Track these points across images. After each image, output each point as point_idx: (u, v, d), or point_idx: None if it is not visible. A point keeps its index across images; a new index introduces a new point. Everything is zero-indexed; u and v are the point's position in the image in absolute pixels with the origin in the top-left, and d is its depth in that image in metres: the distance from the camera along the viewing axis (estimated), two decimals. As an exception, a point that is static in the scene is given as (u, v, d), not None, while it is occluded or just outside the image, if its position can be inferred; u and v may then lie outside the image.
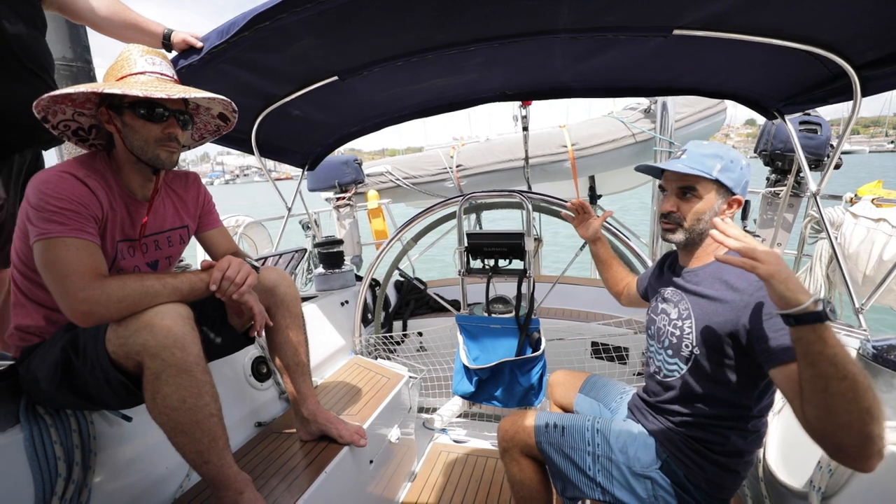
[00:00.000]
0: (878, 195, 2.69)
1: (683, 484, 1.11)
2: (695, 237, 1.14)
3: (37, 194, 0.99)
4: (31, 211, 0.99)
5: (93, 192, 1.05)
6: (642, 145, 4.54)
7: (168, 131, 1.10)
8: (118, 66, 1.10)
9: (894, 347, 1.09)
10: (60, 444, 1.07)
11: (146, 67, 1.10)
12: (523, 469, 1.32)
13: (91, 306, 0.97)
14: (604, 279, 1.64)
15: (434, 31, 1.55)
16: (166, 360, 0.98)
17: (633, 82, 2.06)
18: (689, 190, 1.11)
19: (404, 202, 5.65)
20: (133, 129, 1.08)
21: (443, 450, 2.24)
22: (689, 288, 1.15)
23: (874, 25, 1.33)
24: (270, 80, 1.82)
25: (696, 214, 1.11)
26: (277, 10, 1.25)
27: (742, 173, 1.10)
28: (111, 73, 1.11)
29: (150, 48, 1.15)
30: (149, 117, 1.07)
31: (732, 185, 1.09)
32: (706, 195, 1.10)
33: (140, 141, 1.09)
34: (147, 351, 0.97)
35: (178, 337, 1.00)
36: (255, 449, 1.52)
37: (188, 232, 1.36)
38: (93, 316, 0.98)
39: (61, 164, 1.08)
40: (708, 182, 1.09)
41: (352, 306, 2.46)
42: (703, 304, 1.09)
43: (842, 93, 1.63)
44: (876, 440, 0.76)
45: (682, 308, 1.14)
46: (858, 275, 2.54)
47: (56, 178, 1.01)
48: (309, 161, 2.78)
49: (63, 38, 1.89)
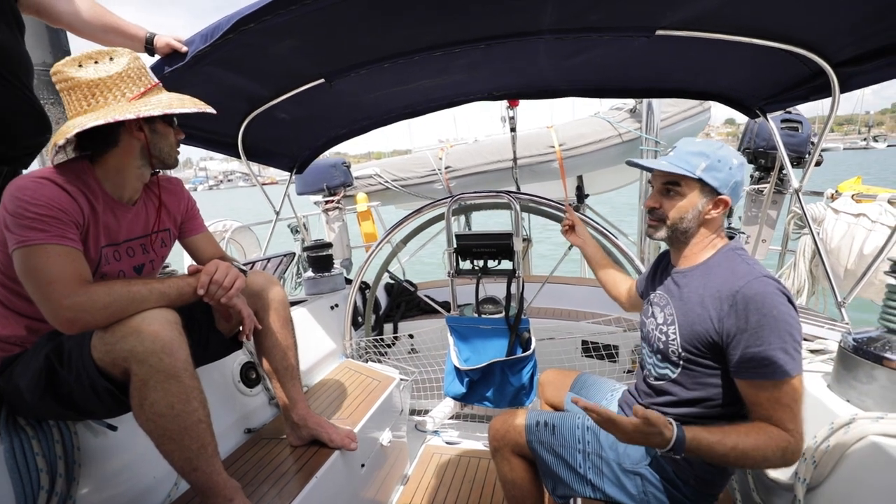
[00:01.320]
0: (857, 191, 2.75)
1: (673, 480, 1.12)
2: (678, 235, 1.14)
3: (14, 201, 0.97)
4: (9, 218, 0.97)
5: (73, 198, 1.03)
6: (629, 145, 4.60)
7: (179, 136, 1.21)
8: (136, 76, 1.10)
9: (874, 339, 1.11)
10: (43, 455, 1.05)
11: (154, 78, 1.15)
12: (514, 468, 1.32)
13: (76, 313, 0.95)
14: (601, 283, 1.62)
15: (420, 33, 1.56)
16: (154, 366, 0.97)
17: (618, 82, 2.08)
18: (673, 186, 1.10)
19: (393, 204, 5.65)
20: (163, 136, 1.16)
21: (435, 452, 2.24)
22: (674, 292, 1.15)
23: (850, 24, 1.36)
24: (256, 84, 1.81)
25: (678, 212, 1.10)
26: (262, 12, 1.24)
27: (731, 173, 1.07)
28: (131, 79, 1.08)
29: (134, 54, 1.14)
30: (172, 124, 1.18)
31: (718, 185, 1.06)
32: (689, 193, 1.09)
33: (168, 146, 1.18)
34: (134, 357, 0.96)
35: (166, 342, 0.99)
36: (244, 455, 1.51)
37: (171, 235, 1.34)
38: (78, 323, 0.96)
39: (38, 170, 1.05)
40: (691, 180, 1.08)
41: (342, 310, 2.45)
42: (686, 309, 1.09)
43: (821, 90, 1.66)
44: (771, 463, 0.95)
45: (668, 313, 1.14)
46: (840, 269, 2.60)
47: (34, 185, 0.99)
48: (297, 164, 2.76)
49: (43, 42, 1.83)
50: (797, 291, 3.07)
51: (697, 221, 1.11)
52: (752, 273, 0.99)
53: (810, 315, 1.82)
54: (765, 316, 0.93)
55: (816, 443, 1.05)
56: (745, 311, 0.95)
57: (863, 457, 0.96)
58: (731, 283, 1.00)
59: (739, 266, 1.03)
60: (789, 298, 0.97)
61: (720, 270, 1.05)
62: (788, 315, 0.94)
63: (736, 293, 0.98)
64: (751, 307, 0.95)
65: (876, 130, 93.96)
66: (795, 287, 3.07)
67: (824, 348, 1.41)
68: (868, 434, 0.97)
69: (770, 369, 0.92)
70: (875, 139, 72.59)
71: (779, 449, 0.92)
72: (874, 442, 0.95)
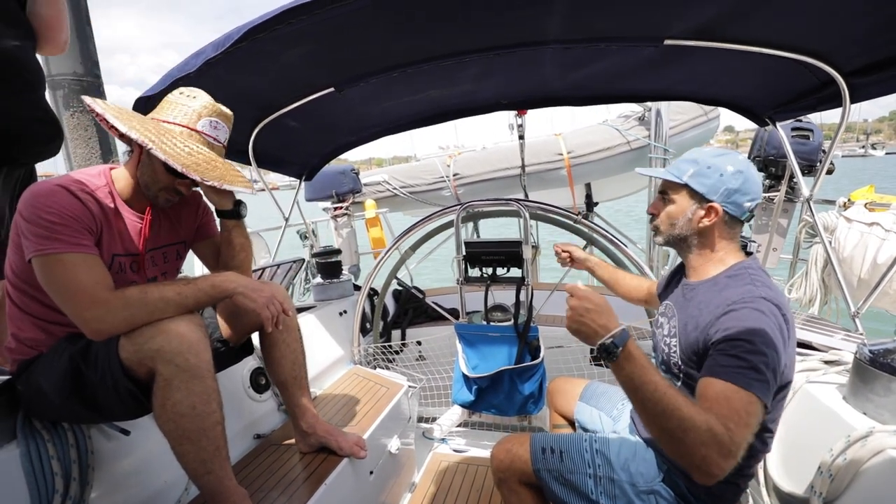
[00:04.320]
0: (870, 199, 2.72)
1: (686, 496, 1.10)
2: (676, 242, 1.14)
3: (28, 208, 0.99)
4: (24, 224, 0.99)
5: (84, 205, 1.04)
6: (637, 152, 4.58)
7: (179, 186, 1.17)
8: (178, 107, 1.13)
9: (891, 351, 1.10)
10: (58, 459, 1.06)
11: (205, 129, 1.14)
12: (523, 500, 1.26)
13: (99, 325, 1.00)
14: (621, 296, 1.60)
15: (428, 43, 1.57)
16: (180, 366, 0.99)
17: (626, 91, 2.08)
18: (664, 193, 1.13)
19: (402, 211, 5.66)
20: (150, 167, 1.13)
21: (443, 459, 2.23)
22: (680, 304, 1.14)
23: (861, 34, 1.35)
24: (267, 92, 1.84)
25: (668, 217, 1.12)
26: (273, 22, 1.26)
27: (721, 180, 1.04)
28: (168, 107, 1.14)
29: (217, 106, 1.18)
30: (170, 170, 1.11)
31: (705, 192, 1.05)
32: (678, 199, 1.10)
33: (149, 179, 1.15)
34: (161, 356, 0.99)
35: (193, 343, 1.01)
36: (254, 461, 1.51)
37: (185, 247, 1.37)
38: (103, 332, 1.01)
39: (56, 178, 1.08)
40: (678, 186, 1.09)
41: (350, 316, 2.46)
42: (687, 323, 1.07)
43: (831, 100, 1.65)
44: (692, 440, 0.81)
45: (672, 325, 1.13)
46: (854, 279, 2.56)
47: (46, 192, 1.01)
48: (306, 171, 2.79)
49: (74, 53, 1.98)
50: (809, 301, 3.03)
51: (691, 228, 1.10)
52: (752, 293, 0.96)
53: (823, 325, 1.80)
54: (743, 332, 0.90)
55: (833, 456, 1.03)
56: (728, 322, 0.93)
57: (881, 471, 0.95)
58: (729, 301, 0.97)
59: (744, 287, 0.99)
60: (783, 328, 0.92)
61: (726, 291, 1.01)
62: (768, 341, 0.88)
63: (729, 306, 0.95)
64: (734, 321, 0.92)
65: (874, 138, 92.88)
66: (808, 296, 3.03)
67: (839, 359, 1.39)
68: (886, 448, 0.95)
69: (729, 371, 0.88)
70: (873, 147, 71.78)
71: (709, 430, 0.81)
72: (893, 456, 0.93)
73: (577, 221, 2.05)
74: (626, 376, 0.89)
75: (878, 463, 0.95)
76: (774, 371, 0.88)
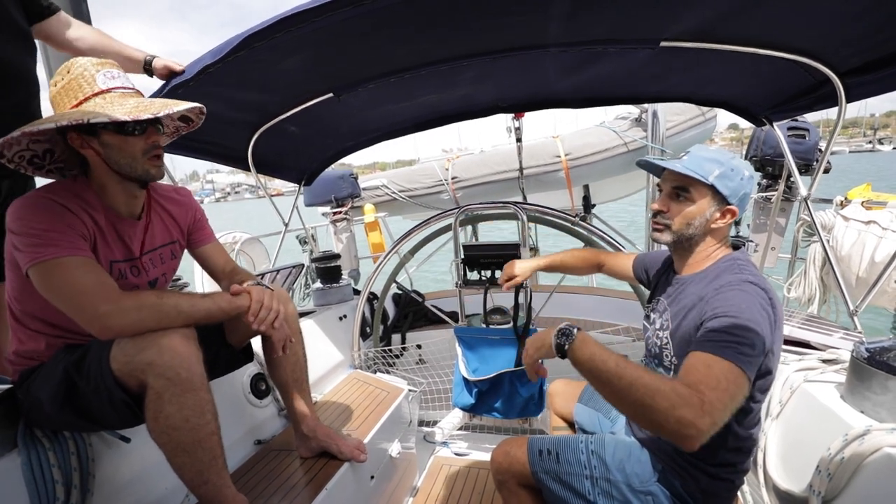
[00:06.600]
0: (867, 198, 2.73)
1: (682, 495, 1.10)
2: (683, 241, 1.12)
3: (17, 221, 0.98)
4: (16, 238, 0.97)
5: (74, 214, 1.03)
6: (635, 154, 4.60)
7: (151, 141, 1.08)
8: (75, 87, 1.03)
9: (888, 349, 1.10)
10: (59, 467, 1.06)
11: (108, 84, 1.04)
12: (523, 502, 1.28)
13: (110, 321, 0.97)
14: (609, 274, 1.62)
15: (426, 47, 1.58)
16: (171, 380, 0.98)
17: (624, 92, 2.09)
18: (683, 191, 1.08)
19: (401, 215, 5.68)
20: (116, 148, 1.05)
21: (444, 463, 2.22)
22: (672, 298, 1.14)
23: (856, 34, 1.36)
24: (266, 98, 1.85)
25: (685, 217, 1.08)
26: (272, 29, 1.27)
27: (741, 184, 1.05)
28: (68, 93, 1.03)
29: (103, 60, 1.08)
30: (130, 132, 1.04)
31: (728, 194, 1.04)
32: (699, 199, 1.07)
33: (127, 158, 1.06)
34: (152, 369, 0.97)
35: (185, 357, 1.00)
36: (255, 467, 1.51)
37: (179, 247, 1.35)
38: (113, 331, 0.99)
39: (38, 189, 1.06)
40: (703, 186, 1.06)
41: (350, 320, 2.46)
42: (678, 316, 1.08)
43: (826, 99, 1.66)
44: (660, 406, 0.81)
45: (664, 319, 1.14)
46: (852, 277, 2.57)
47: (33, 203, 1.00)
48: (305, 176, 2.80)
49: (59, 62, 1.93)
50: (808, 300, 3.03)
51: (704, 229, 1.09)
52: (739, 278, 0.99)
53: (822, 324, 1.80)
54: (728, 308, 0.92)
55: (831, 454, 1.03)
56: (715, 303, 0.95)
57: (879, 469, 0.95)
58: (717, 286, 1.00)
59: (732, 275, 1.02)
60: (768, 311, 0.94)
61: (716, 280, 1.04)
62: (753, 318, 0.90)
63: (717, 290, 0.98)
64: (720, 301, 0.95)
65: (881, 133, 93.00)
66: (807, 295, 3.03)
67: (837, 358, 1.39)
68: (884, 446, 0.96)
69: (713, 345, 0.89)
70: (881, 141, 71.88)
71: (674, 391, 0.81)
72: (890, 454, 0.94)
73: (575, 223, 2.06)
74: (586, 359, 0.93)
75: (876, 461, 0.95)
76: (756, 347, 0.88)
